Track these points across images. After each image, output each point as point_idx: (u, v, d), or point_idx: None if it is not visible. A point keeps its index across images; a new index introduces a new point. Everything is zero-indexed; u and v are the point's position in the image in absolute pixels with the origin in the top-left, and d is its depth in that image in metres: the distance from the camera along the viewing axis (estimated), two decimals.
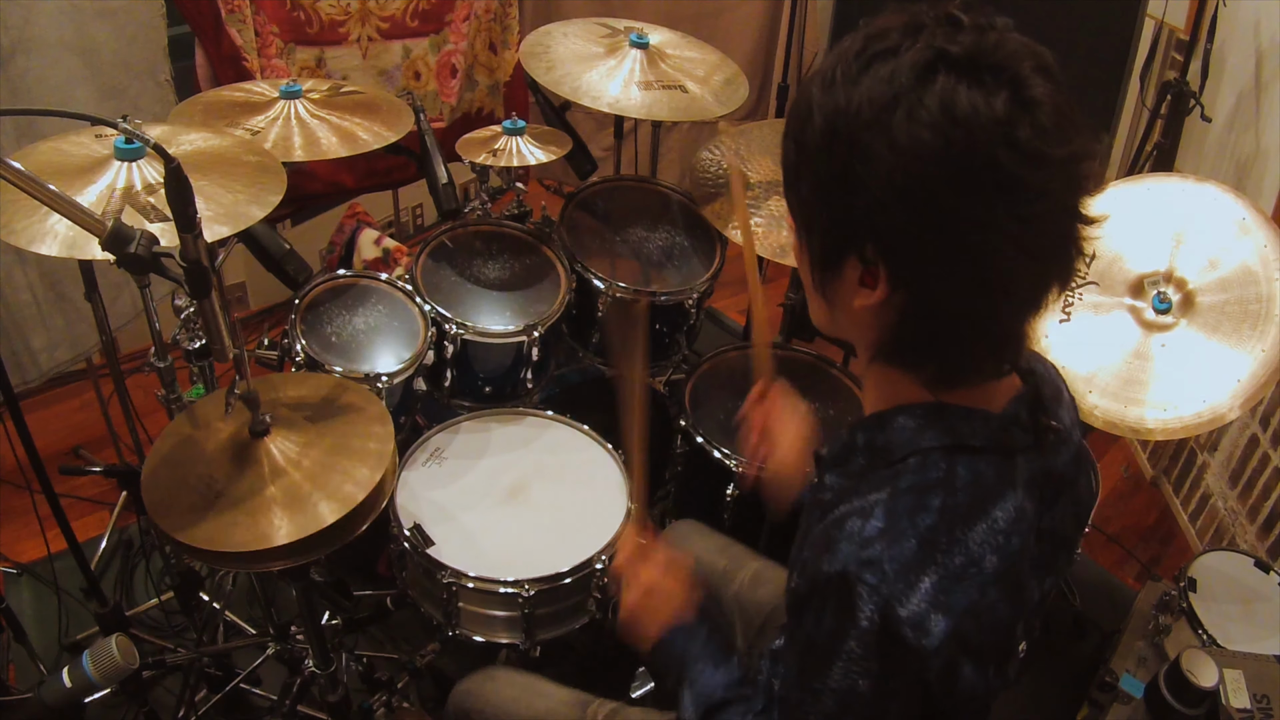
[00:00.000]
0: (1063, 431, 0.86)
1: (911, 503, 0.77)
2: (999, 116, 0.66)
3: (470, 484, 1.67)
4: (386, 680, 1.76)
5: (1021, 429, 0.82)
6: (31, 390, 2.34)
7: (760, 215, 1.89)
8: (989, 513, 0.77)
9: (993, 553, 0.76)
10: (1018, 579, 0.79)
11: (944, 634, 0.73)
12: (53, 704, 1.20)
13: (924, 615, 0.73)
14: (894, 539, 0.75)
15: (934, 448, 0.79)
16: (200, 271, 1.00)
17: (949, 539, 0.75)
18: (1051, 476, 0.85)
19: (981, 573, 0.75)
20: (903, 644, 0.73)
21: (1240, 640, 1.74)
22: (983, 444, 0.79)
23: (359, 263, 2.44)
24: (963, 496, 0.77)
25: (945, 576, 0.74)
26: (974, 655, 0.76)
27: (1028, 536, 0.80)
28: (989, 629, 0.77)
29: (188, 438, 1.25)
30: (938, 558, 0.74)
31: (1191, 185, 1.70)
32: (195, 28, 2.25)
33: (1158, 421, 1.60)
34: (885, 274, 0.74)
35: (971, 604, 0.75)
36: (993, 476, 0.79)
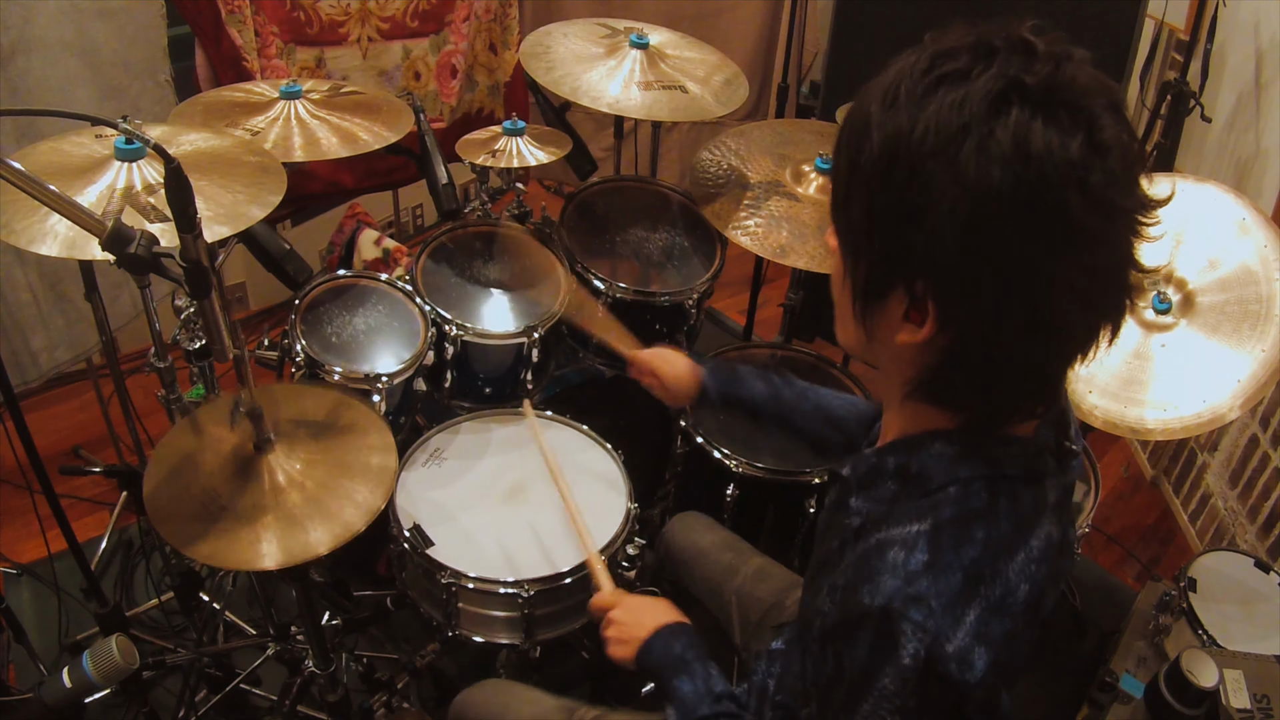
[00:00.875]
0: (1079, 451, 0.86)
1: (956, 535, 0.74)
2: (1073, 159, 0.63)
3: (470, 484, 1.67)
4: (386, 680, 1.76)
5: (1050, 454, 0.80)
6: (31, 390, 2.34)
7: (760, 215, 1.89)
8: (1027, 542, 0.76)
9: (1025, 581, 0.75)
10: (1040, 602, 0.78)
11: (986, 666, 0.71)
12: (53, 704, 1.20)
13: (969, 649, 0.71)
14: (940, 573, 0.72)
15: (974, 476, 0.77)
16: (200, 271, 1.00)
17: (992, 571, 0.73)
18: (1069, 493, 0.85)
19: (1016, 602, 0.74)
20: (944, 680, 0.71)
21: (1240, 640, 1.74)
22: (1021, 473, 0.77)
23: (359, 263, 2.44)
24: (1005, 527, 0.75)
25: (987, 609, 0.72)
26: (1009, 682, 0.76)
27: (1055, 560, 0.79)
28: (1018, 654, 0.76)
29: (191, 446, 1.25)
30: (981, 590, 0.73)
31: (1191, 185, 1.70)
32: (195, 28, 2.25)
33: (1158, 421, 1.60)
34: (934, 312, 0.70)
35: (1006, 633, 0.73)
36: (1030, 505, 0.77)
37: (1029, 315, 0.68)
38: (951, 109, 0.65)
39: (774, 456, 1.75)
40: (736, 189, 1.95)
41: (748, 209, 1.91)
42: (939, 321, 0.71)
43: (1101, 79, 0.68)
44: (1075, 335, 0.72)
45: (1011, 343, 0.70)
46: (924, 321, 0.71)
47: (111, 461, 2.16)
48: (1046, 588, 0.79)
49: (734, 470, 1.73)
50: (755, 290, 2.57)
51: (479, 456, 1.73)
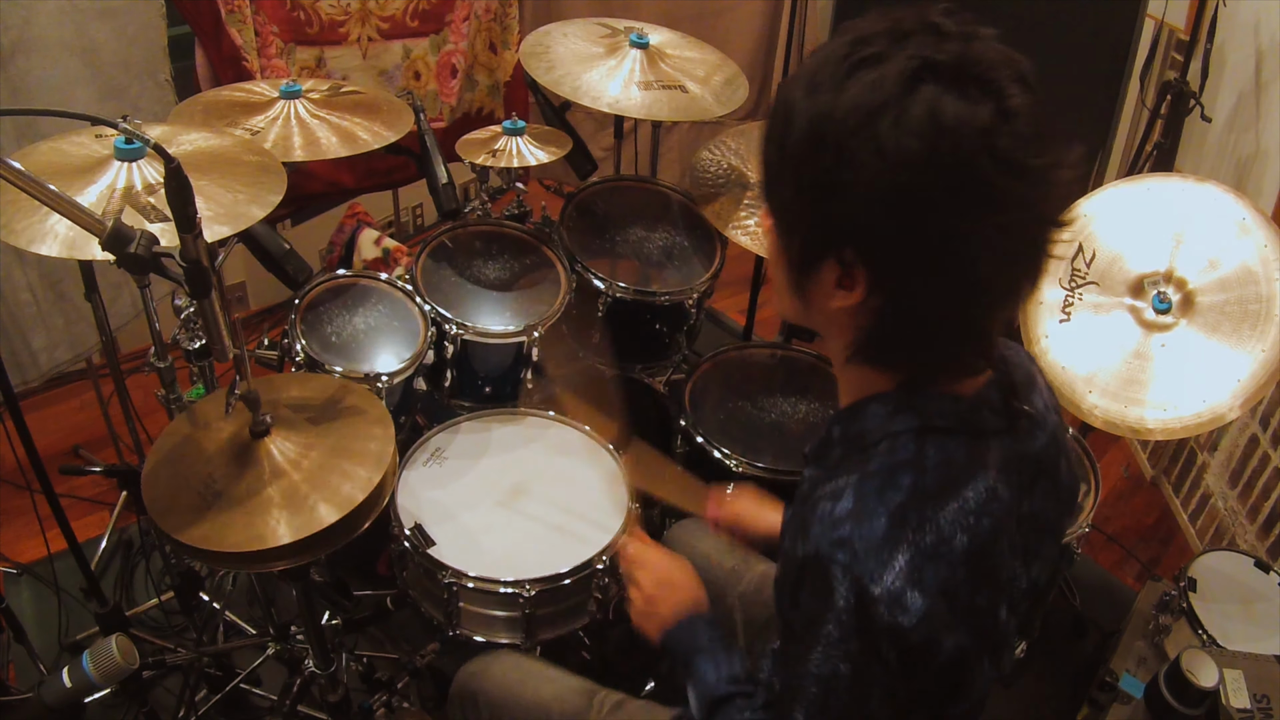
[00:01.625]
0: (1036, 416, 0.88)
1: (880, 483, 0.78)
2: (982, 126, 0.68)
3: (471, 484, 1.67)
4: (386, 680, 1.75)
5: (992, 411, 0.83)
6: (31, 390, 2.34)
7: (760, 215, 1.89)
8: (960, 493, 0.78)
9: (963, 532, 0.77)
10: (991, 561, 0.79)
11: (921, 611, 0.74)
12: (53, 704, 1.20)
13: (900, 592, 0.74)
14: (863, 518, 0.76)
15: (903, 430, 0.81)
16: (200, 271, 1.00)
17: (920, 517, 0.76)
18: (1027, 460, 0.86)
19: (952, 551, 0.76)
20: (879, 623, 0.74)
21: (1240, 640, 1.74)
22: (951, 425, 0.81)
23: (359, 263, 2.44)
24: (932, 476, 0.78)
25: (918, 554, 0.75)
26: (953, 633, 0.76)
27: (1003, 519, 0.80)
28: (966, 609, 0.77)
29: (188, 438, 1.25)
30: (909, 535, 0.75)
31: (1191, 185, 1.70)
32: (195, 28, 2.25)
33: (1158, 421, 1.60)
34: (864, 277, 0.75)
35: (944, 582, 0.75)
36: (963, 457, 0.80)
37: (950, 272, 0.72)
38: (869, 89, 0.69)
39: (774, 456, 1.75)
40: (736, 189, 1.96)
41: (748, 208, 1.91)
42: (869, 285, 0.75)
43: (1009, 53, 0.72)
44: (996, 289, 0.75)
45: (936, 299, 0.75)
46: (855, 287, 0.76)
47: (111, 461, 2.15)
48: (997, 547, 0.80)
49: (734, 470, 1.73)
50: (755, 290, 2.57)
51: (479, 456, 1.73)
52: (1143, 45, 2.46)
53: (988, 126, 0.68)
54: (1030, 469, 0.86)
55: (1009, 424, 0.84)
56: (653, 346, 2.06)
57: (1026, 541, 0.86)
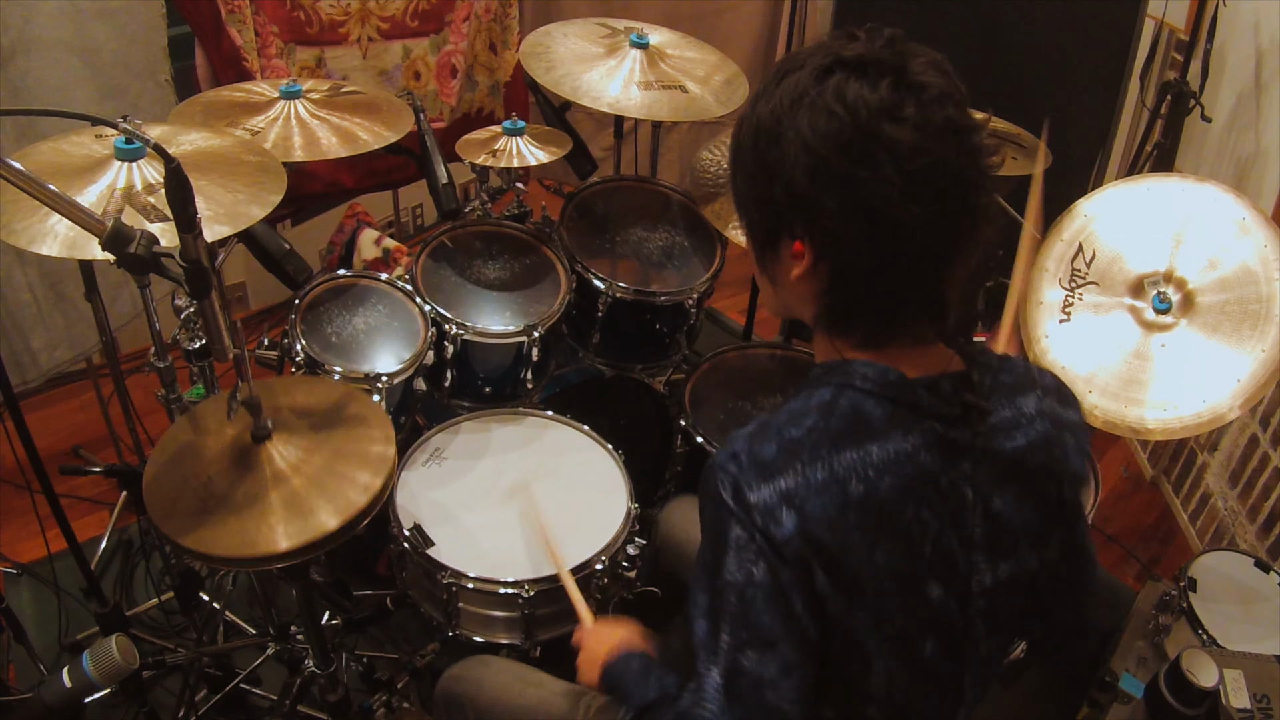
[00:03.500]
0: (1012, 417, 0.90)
1: (785, 419, 0.87)
2: (881, 97, 0.79)
3: (470, 484, 1.67)
4: (386, 680, 1.75)
5: (934, 395, 0.87)
6: (31, 390, 2.34)
7: None
8: (862, 444, 0.84)
9: (860, 481, 0.83)
10: (889, 518, 0.84)
11: (793, 528, 0.81)
12: (53, 704, 1.20)
13: (774, 506, 0.82)
14: (757, 440, 0.85)
15: (827, 385, 0.89)
16: (200, 271, 1.00)
17: (812, 454, 0.83)
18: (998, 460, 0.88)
19: (844, 494, 0.82)
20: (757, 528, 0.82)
21: (1240, 640, 1.74)
22: (871, 388, 0.86)
23: (359, 263, 2.44)
24: (836, 423, 0.85)
25: (803, 484, 0.82)
26: (831, 570, 0.82)
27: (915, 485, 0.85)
28: (852, 555, 0.82)
29: (190, 440, 1.25)
30: (797, 466, 0.83)
31: (1191, 185, 1.70)
32: (195, 28, 2.25)
33: (1158, 421, 1.60)
34: (809, 245, 0.85)
35: (827, 517, 0.82)
36: (879, 417, 0.85)
37: (871, 222, 0.81)
38: (791, 86, 0.84)
39: None
40: None
41: None
42: (815, 252, 0.85)
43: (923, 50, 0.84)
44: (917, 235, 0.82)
45: (867, 252, 0.83)
46: (804, 255, 0.86)
47: (111, 461, 2.16)
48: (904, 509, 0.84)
49: None
50: (755, 290, 2.58)
51: (479, 456, 1.73)
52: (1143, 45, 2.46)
53: (886, 97, 0.79)
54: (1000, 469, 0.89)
55: (953, 412, 0.87)
56: (653, 346, 2.06)
57: (993, 537, 0.89)
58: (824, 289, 0.88)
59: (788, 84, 0.84)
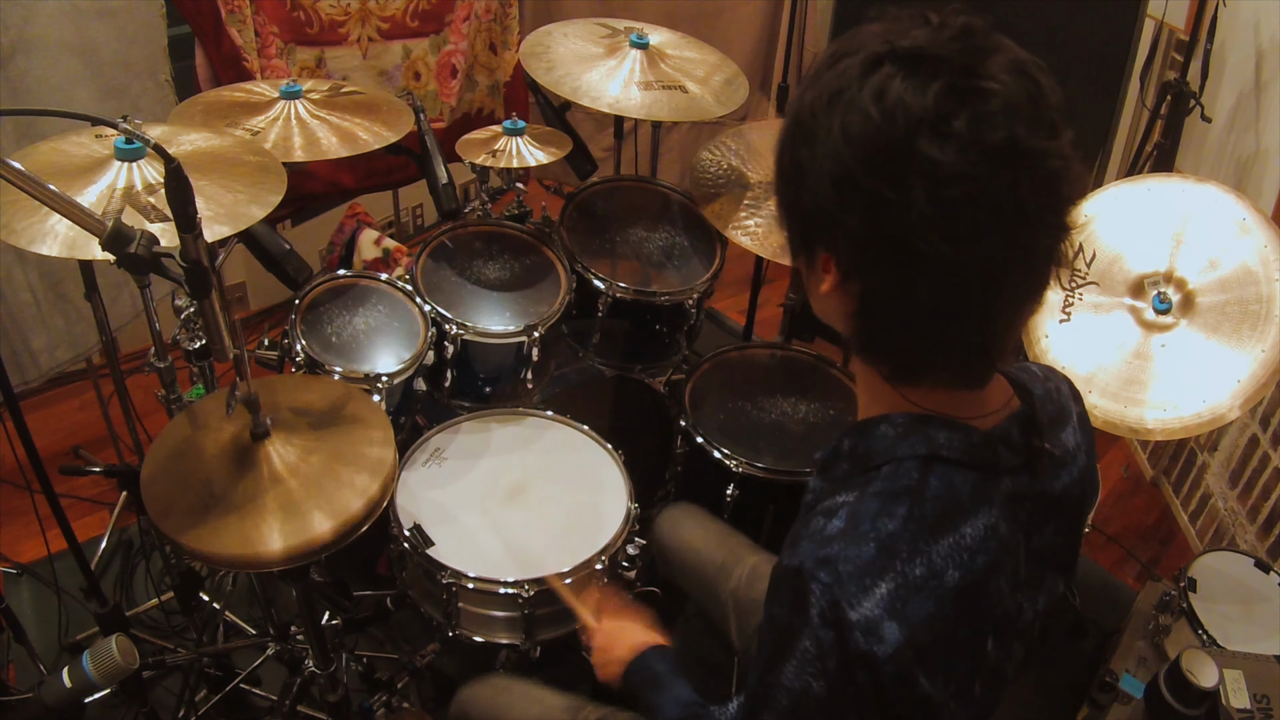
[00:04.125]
0: (1060, 455, 0.85)
1: (877, 507, 0.76)
2: (926, 104, 0.67)
3: (470, 484, 1.67)
4: (386, 680, 1.75)
5: (1009, 448, 0.80)
6: (31, 390, 2.34)
7: (760, 215, 1.89)
8: (958, 528, 0.76)
9: (955, 568, 0.75)
10: (981, 597, 0.78)
11: (898, 642, 0.72)
12: (53, 704, 1.20)
13: (877, 621, 0.72)
14: (852, 540, 0.74)
15: (910, 456, 0.78)
16: (200, 271, 1.00)
17: (911, 549, 0.74)
18: (1044, 500, 0.83)
19: (942, 586, 0.74)
20: (853, 649, 0.72)
21: (1240, 640, 1.74)
22: (960, 458, 0.78)
23: (359, 263, 2.44)
24: (931, 508, 0.76)
25: (903, 585, 0.73)
26: (930, 669, 0.75)
27: (999, 556, 0.78)
28: (948, 644, 0.76)
29: (188, 438, 1.25)
30: (897, 565, 0.73)
31: (1191, 185, 1.70)
32: (195, 28, 2.24)
33: (1158, 421, 1.60)
34: (834, 261, 0.75)
35: (928, 616, 0.74)
36: (967, 492, 0.77)
37: (897, 256, 0.70)
38: (836, 76, 0.72)
39: (774, 456, 1.75)
40: (736, 189, 1.96)
41: (748, 208, 1.91)
42: (839, 269, 0.75)
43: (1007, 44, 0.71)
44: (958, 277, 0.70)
45: (892, 285, 0.73)
46: (831, 269, 0.76)
47: (111, 461, 2.16)
48: (990, 584, 0.78)
49: (734, 470, 1.73)
50: (755, 290, 2.57)
51: (479, 456, 1.73)
52: (1143, 45, 2.46)
53: (933, 105, 0.67)
54: (1044, 508, 0.84)
55: (1026, 463, 0.81)
56: (653, 346, 2.06)
57: (1031, 574, 0.85)
58: (852, 310, 0.77)
59: (836, 71, 0.72)
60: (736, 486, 1.75)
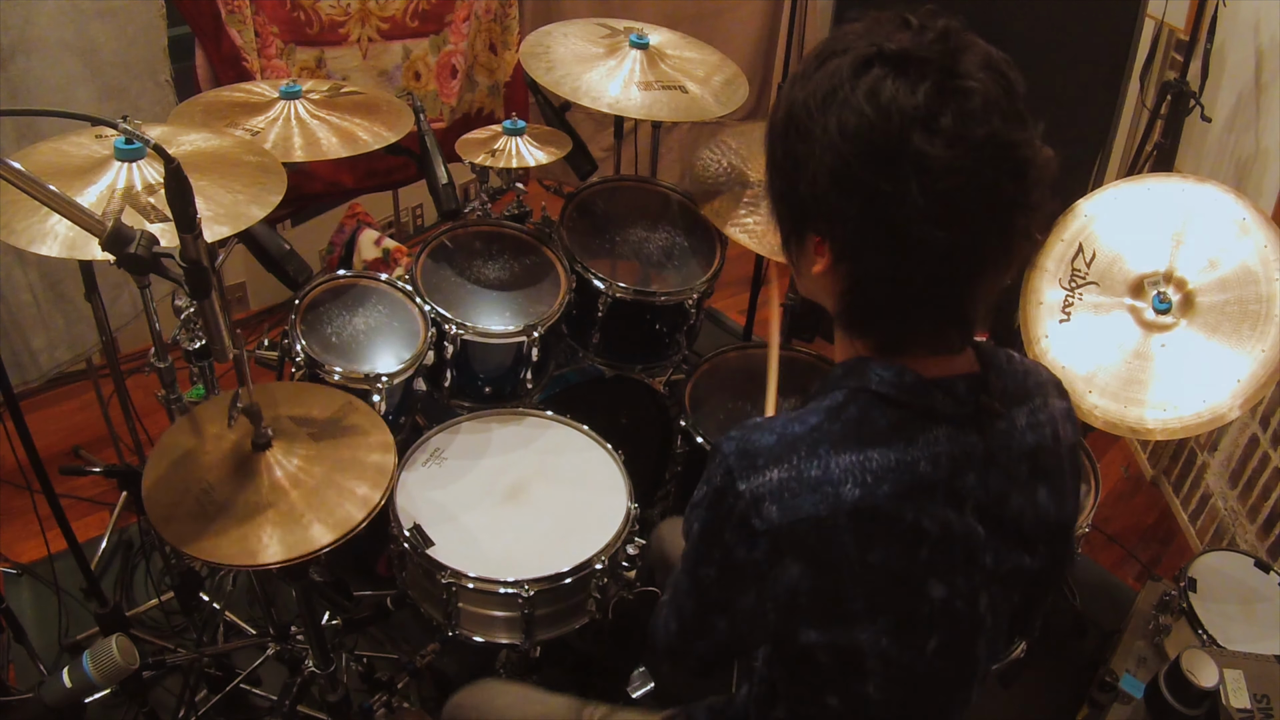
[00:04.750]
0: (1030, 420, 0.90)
1: (793, 415, 0.86)
2: (917, 103, 0.74)
3: (470, 484, 1.67)
4: (386, 680, 1.75)
5: (951, 398, 0.85)
6: (31, 390, 2.34)
7: (759, 213, 1.89)
8: (864, 450, 0.83)
9: (854, 484, 0.81)
10: (886, 524, 0.83)
11: (775, 523, 0.81)
12: (53, 704, 1.20)
13: (760, 498, 0.82)
14: (760, 430, 0.85)
15: (845, 387, 0.87)
16: (200, 272, 1.00)
17: (809, 451, 0.82)
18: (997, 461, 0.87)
19: (837, 496, 0.81)
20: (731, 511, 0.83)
21: (1240, 640, 1.74)
22: (888, 392, 0.85)
23: (359, 263, 2.44)
24: (840, 426, 0.84)
25: (794, 479, 0.82)
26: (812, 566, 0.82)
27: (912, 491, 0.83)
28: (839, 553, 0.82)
29: (190, 444, 1.25)
30: (793, 459, 0.82)
31: (1191, 185, 1.70)
32: (195, 28, 2.25)
33: (1158, 421, 1.60)
34: (829, 245, 0.83)
35: (816, 517, 0.81)
36: (885, 424, 0.84)
37: (891, 239, 0.78)
38: (829, 75, 0.78)
39: None
40: (736, 188, 1.96)
41: (748, 208, 1.91)
42: (834, 254, 0.83)
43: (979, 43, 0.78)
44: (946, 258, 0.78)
45: (885, 266, 0.80)
46: (825, 254, 0.84)
47: (111, 461, 2.16)
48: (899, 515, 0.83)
49: None
50: (755, 290, 2.58)
51: (479, 456, 1.73)
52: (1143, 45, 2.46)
53: (923, 104, 0.74)
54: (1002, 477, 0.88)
55: (972, 416, 0.86)
56: (653, 346, 2.06)
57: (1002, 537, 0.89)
58: (843, 289, 0.85)
59: (826, 71, 0.79)
60: None
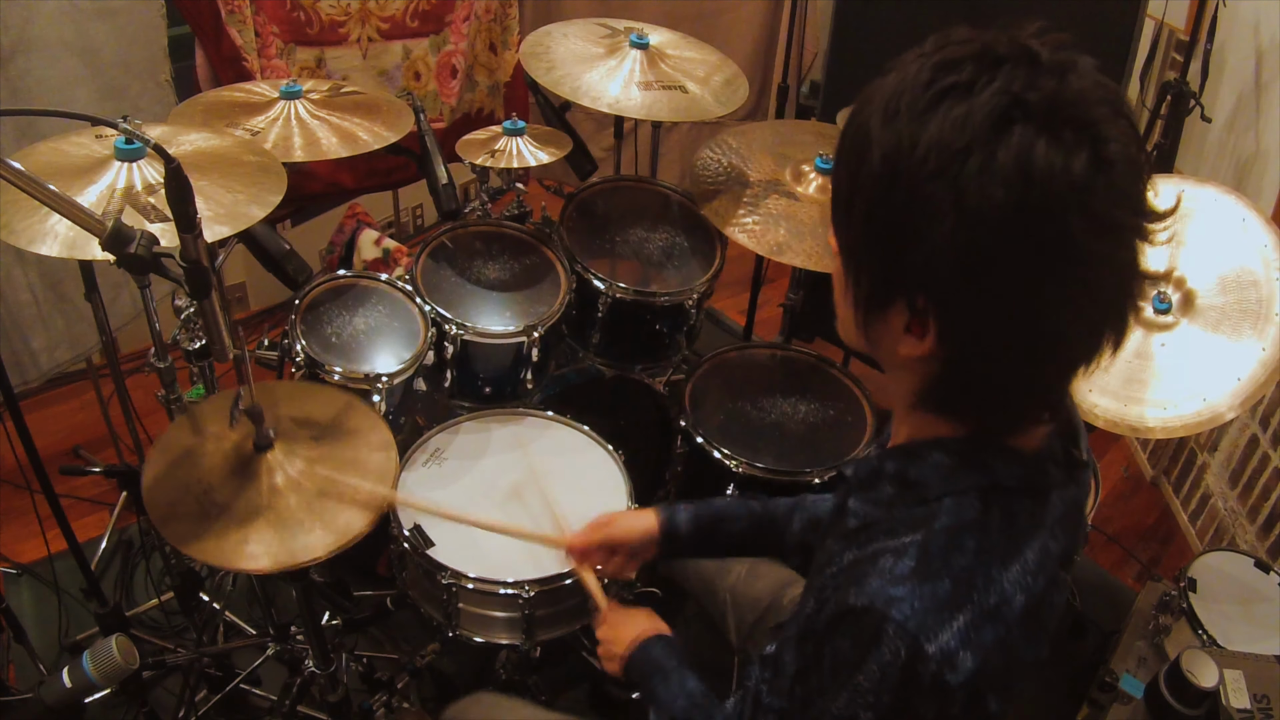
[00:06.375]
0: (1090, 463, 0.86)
1: (945, 543, 0.75)
2: (1075, 179, 0.62)
3: (470, 484, 1.67)
4: (386, 680, 1.76)
5: (1055, 465, 0.80)
6: (31, 390, 2.34)
7: (758, 214, 1.89)
8: (1022, 554, 0.76)
9: (1021, 592, 0.75)
10: (1040, 616, 0.78)
11: (971, 670, 0.72)
12: (53, 704, 1.20)
13: (953, 652, 0.71)
14: (927, 577, 0.73)
15: (969, 488, 0.77)
16: (200, 272, 1.00)
17: (985, 579, 0.74)
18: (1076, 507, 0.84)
19: (1011, 612, 0.74)
20: (923, 680, 0.71)
21: (1240, 640, 1.74)
22: (1018, 484, 0.77)
23: (359, 263, 2.44)
24: (997, 538, 0.76)
25: (979, 615, 0.73)
26: (998, 688, 0.75)
27: (1054, 573, 0.79)
28: (1013, 664, 0.76)
29: (190, 444, 1.25)
30: (974, 597, 0.73)
31: (1192, 185, 1.70)
32: (195, 28, 2.25)
33: (1158, 420, 1.60)
34: (934, 327, 0.70)
35: (997, 640, 0.74)
36: (1026, 518, 0.78)
37: (1028, 333, 0.68)
38: (954, 128, 0.64)
39: (774, 457, 1.75)
40: (736, 188, 1.96)
41: (748, 208, 1.91)
42: (939, 336, 0.71)
43: (1105, 85, 0.67)
44: (1075, 349, 0.71)
45: (1011, 359, 0.70)
46: (925, 335, 0.71)
47: (111, 461, 2.16)
48: (1046, 598, 0.79)
49: (734, 470, 1.73)
50: (755, 290, 2.58)
51: (479, 456, 1.72)
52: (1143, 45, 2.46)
53: (1082, 180, 0.62)
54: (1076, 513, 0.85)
55: (1069, 475, 0.82)
56: (653, 347, 2.06)
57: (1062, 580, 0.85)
58: (939, 373, 0.74)
59: (948, 118, 0.64)
60: (736, 487, 1.75)
